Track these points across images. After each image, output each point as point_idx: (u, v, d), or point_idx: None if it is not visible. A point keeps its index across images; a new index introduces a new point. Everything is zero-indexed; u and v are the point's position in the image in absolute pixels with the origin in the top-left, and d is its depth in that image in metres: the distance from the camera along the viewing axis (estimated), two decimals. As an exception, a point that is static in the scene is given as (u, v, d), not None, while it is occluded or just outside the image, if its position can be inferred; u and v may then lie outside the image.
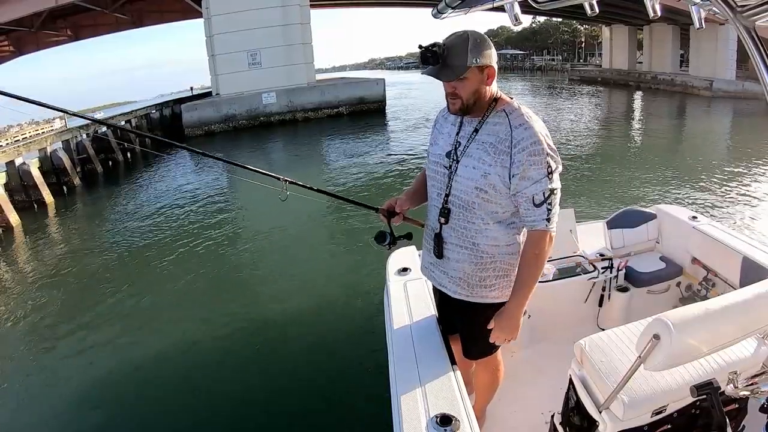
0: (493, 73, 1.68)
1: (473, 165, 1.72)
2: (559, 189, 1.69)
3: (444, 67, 1.62)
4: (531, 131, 1.63)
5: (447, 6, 1.97)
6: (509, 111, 1.69)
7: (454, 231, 1.82)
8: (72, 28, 34.14)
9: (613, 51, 41.11)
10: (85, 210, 13.36)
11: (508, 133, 1.65)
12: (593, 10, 1.55)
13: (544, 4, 1.74)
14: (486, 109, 1.72)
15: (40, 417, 4.20)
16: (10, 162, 13.28)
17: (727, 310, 1.45)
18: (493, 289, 1.86)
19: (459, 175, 1.76)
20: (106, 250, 8.89)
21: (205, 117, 24.59)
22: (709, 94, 24.72)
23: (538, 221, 1.67)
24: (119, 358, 5.01)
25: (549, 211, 1.66)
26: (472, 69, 1.62)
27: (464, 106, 1.69)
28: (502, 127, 1.68)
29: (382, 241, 1.87)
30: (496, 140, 1.67)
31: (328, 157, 16.95)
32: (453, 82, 1.65)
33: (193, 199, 12.09)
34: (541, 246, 1.69)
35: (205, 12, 27.03)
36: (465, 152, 1.75)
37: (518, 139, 1.63)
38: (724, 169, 10.72)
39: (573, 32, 64.54)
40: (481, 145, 1.71)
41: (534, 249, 1.70)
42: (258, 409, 3.95)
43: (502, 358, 2.19)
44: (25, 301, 6.96)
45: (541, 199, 1.65)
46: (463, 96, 1.67)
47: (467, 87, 1.65)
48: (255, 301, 6.00)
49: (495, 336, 1.80)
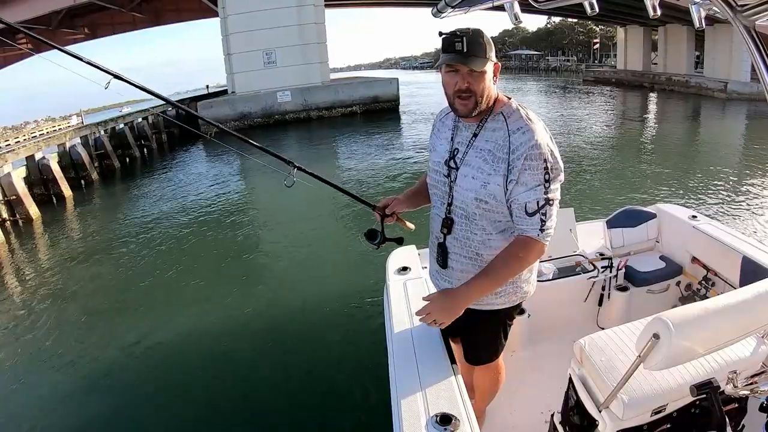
0: (498, 69, 1.62)
1: (472, 175, 1.63)
2: (557, 200, 1.59)
3: (470, 56, 1.52)
4: (529, 134, 1.54)
5: (447, 5, 1.97)
6: (507, 114, 1.61)
7: (457, 241, 1.74)
8: (90, 27, 34.62)
9: (628, 52, 40.60)
10: (102, 203, 13.62)
11: (506, 138, 1.57)
12: (593, 9, 1.53)
13: (544, 3, 1.73)
14: (485, 111, 1.63)
15: (55, 403, 4.32)
16: (30, 156, 13.60)
17: (726, 310, 1.44)
18: (500, 296, 1.79)
19: (459, 185, 1.68)
20: (122, 242, 9.06)
21: (221, 115, 24.79)
22: (723, 96, 24.28)
23: (529, 230, 1.57)
24: (120, 349, 5.11)
25: (543, 222, 1.55)
26: (490, 62, 1.57)
27: (476, 105, 1.58)
28: (500, 132, 1.59)
29: (372, 239, 1.82)
30: (495, 147, 1.59)
31: (340, 155, 17.05)
32: (469, 78, 1.55)
33: (207, 194, 12.29)
34: (528, 252, 1.59)
35: (221, 11, 27.30)
36: (464, 160, 1.67)
37: (516, 144, 1.54)
38: (727, 170, 10.60)
39: (588, 33, 63.86)
40: (480, 153, 1.62)
41: (520, 251, 1.60)
42: (257, 407, 3.96)
43: (503, 362, 2.16)
44: (42, 290, 7.14)
45: (534, 209, 1.54)
46: (477, 92, 1.56)
47: (483, 82, 1.57)
48: (255, 299, 5.99)
49: (424, 310, 1.64)
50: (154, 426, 3.91)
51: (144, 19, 34.61)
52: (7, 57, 34.89)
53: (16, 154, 13.04)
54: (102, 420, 4.02)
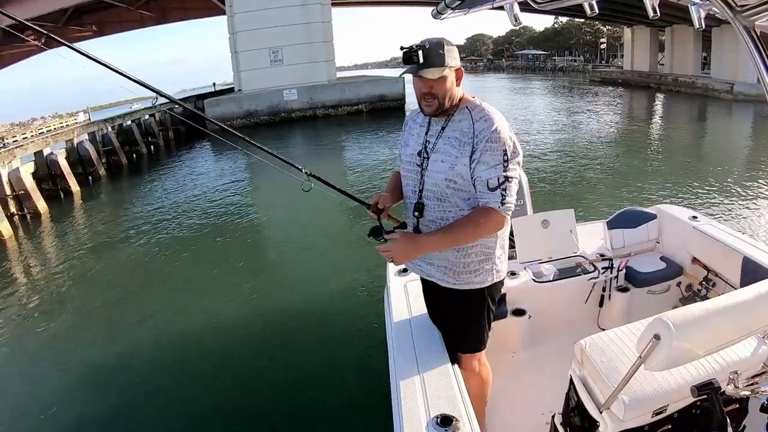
0: (461, 74, 1.82)
1: (441, 159, 1.82)
2: (516, 179, 1.75)
3: (427, 66, 1.70)
4: (490, 122, 1.73)
5: (447, 6, 1.99)
6: (471, 107, 1.81)
7: (433, 223, 1.88)
8: (97, 24, 34.79)
9: (635, 52, 40.32)
10: (109, 199, 13.72)
11: (471, 126, 1.76)
12: (593, 10, 1.55)
13: (544, 4, 1.74)
14: (450, 109, 1.82)
15: (55, 401, 4.35)
16: (39, 152, 13.71)
17: (727, 310, 1.44)
18: (478, 274, 1.91)
19: (430, 170, 1.85)
20: (127, 238, 9.14)
21: (228, 112, 24.96)
22: (730, 97, 24.04)
23: (492, 202, 1.72)
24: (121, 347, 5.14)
25: (503, 196, 1.71)
26: (449, 69, 1.74)
27: (440, 106, 1.78)
28: (465, 122, 1.79)
29: (377, 235, 1.85)
30: (461, 134, 1.78)
31: (346, 152, 17.12)
32: (431, 82, 1.74)
33: (212, 191, 12.36)
34: (487, 219, 1.74)
35: (229, 9, 27.45)
36: (434, 149, 1.85)
37: (479, 129, 1.74)
38: (729, 170, 10.57)
39: (595, 33, 63.52)
40: (448, 141, 1.81)
41: (480, 218, 1.75)
42: (257, 406, 3.96)
43: (489, 365, 2.18)
44: (46, 285, 7.22)
45: (495, 184, 1.71)
46: (439, 95, 1.76)
47: (444, 86, 1.75)
48: (255, 298, 6.00)
49: (386, 247, 1.77)
50: (154, 426, 3.91)
51: (151, 17, 34.75)
52: (15, 53, 35.09)
53: (24, 150, 13.14)
54: (102, 419, 4.03)
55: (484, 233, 1.81)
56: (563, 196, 9.33)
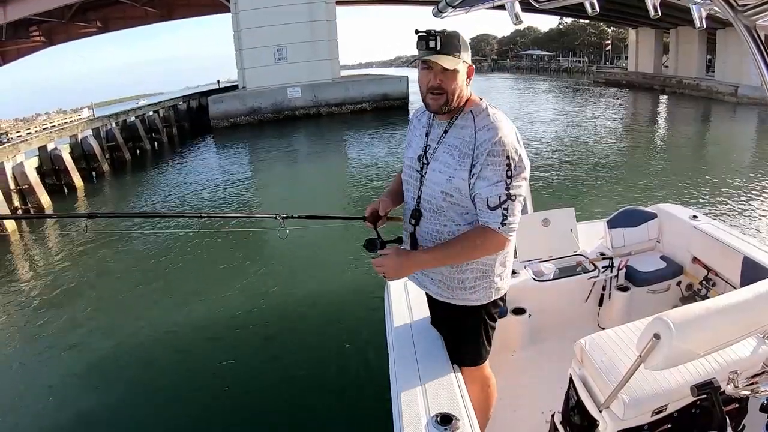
0: (472, 72, 1.68)
1: (439, 169, 1.69)
2: (521, 196, 1.61)
3: (443, 53, 1.58)
4: (494, 132, 1.58)
5: (447, 5, 1.97)
6: (476, 112, 1.66)
7: (428, 234, 1.79)
8: (102, 20, 34.92)
9: (639, 54, 40.21)
10: (112, 194, 13.78)
11: (473, 135, 1.62)
12: (593, 9, 1.54)
13: (545, 3, 1.73)
14: (456, 109, 1.69)
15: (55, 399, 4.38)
16: (43, 147, 13.75)
17: (727, 310, 1.44)
18: (474, 291, 1.80)
19: (427, 179, 1.74)
20: (130, 234, 9.08)
21: (231, 109, 25.06)
22: (734, 100, 23.90)
23: (491, 222, 1.60)
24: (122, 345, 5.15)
25: (504, 216, 1.58)
26: (462, 63, 1.62)
27: (447, 102, 1.64)
28: (467, 130, 1.65)
29: (372, 249, 1.82)
30: (461, 143, 1.64)
31: (349, 150, 17.10)
32: (441, 75, 1.61)
33: (215, 188, 12.38)
34: (485, 241, 1.63)
35: (233, 7, 27.46)
36: (434, 156, 1.73)
37: (481, 140, 1.59)
38: (730, 171, 10.55)
39: (600, 34, 63.38)
40: (448, 149, 1.68)
41: (478, 239, 1.63)
42: (257, 406, 3.95)
43: (491, 373, 2.12)
44: (47, 280, 7.24)
45: (496, 203, 1.58)
46: (448, 90, 1.62)
47: (454, 81, 1.62)
48: (255, 298, 5.98)
49: (379, 261, 1.69)
50: (154, 426, 3.91)
51: (156, 13, 34.85)
52: (21, 49, 35.21)
53: (28, 144, 13.20)
54: (102, 418, 4.03)
55: (481, 255, 1.70)
56: (564, 195, 9.32)
